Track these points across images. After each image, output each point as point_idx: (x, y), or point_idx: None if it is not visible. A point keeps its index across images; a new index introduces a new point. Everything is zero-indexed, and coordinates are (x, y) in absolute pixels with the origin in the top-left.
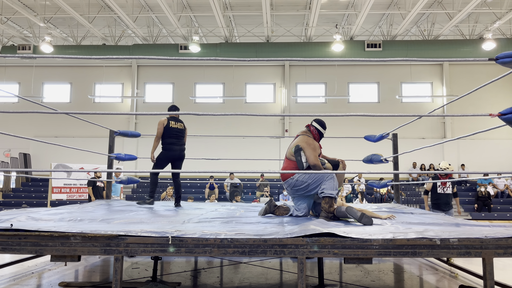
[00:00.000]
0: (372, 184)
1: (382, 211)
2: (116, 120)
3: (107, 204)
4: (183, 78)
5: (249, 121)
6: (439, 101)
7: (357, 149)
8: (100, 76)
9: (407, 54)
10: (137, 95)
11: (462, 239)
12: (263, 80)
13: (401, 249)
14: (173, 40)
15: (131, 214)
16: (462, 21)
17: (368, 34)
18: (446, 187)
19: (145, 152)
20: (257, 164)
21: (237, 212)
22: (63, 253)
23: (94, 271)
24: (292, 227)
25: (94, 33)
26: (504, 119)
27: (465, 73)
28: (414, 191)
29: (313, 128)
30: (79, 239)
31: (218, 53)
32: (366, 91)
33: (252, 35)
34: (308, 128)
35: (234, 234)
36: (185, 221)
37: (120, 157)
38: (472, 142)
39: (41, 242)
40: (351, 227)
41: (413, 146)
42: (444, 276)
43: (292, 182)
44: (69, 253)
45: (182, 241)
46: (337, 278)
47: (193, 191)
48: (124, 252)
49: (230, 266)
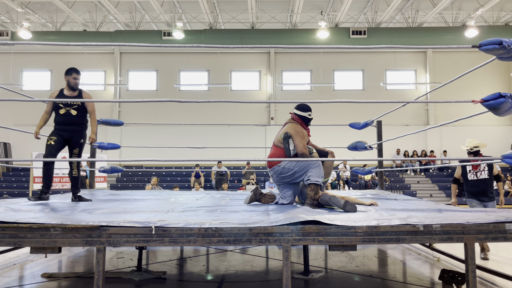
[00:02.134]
0: (357, 170)
1: (366, 197)
2: (99, 108)
3: (90, 194)
4: (167, 65)
5: (235, 109)
6: (422, 88)
7: (342, 136)
8: (82, 63)
9: (392, 41)
10: (120, 83)
11: (445, 224)
12: (248, 68)
13: (385, 236)
14: (156, 26)
15: (115, 204)
16: (446, 8)
17: (353, 21)
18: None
19: (129, 140)
20: (243, 152)
21: (222, 200)
22: (43, 245)
23: (78, 262)
24: (277, 215)
25: (74, 19)
26: (487, 105)
27: (448, 60)
28: (398, 177)
29: (294, 115)
30: (59, 231)
31: (203, 39)
32: (351, 78)
33: (237, 21)
34: (291, 117)
35: (219, 223)
36: (169, 211)
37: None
38: (454, 129)
39: (19, 234)
40: (336, 215)
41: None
42: (427, 260)
43: (278, 169)
44: (49, 245)
45: (166, 231)
46: (322, 264)
47: (179, 180)
48: (107, 243)
49: (217, 254)
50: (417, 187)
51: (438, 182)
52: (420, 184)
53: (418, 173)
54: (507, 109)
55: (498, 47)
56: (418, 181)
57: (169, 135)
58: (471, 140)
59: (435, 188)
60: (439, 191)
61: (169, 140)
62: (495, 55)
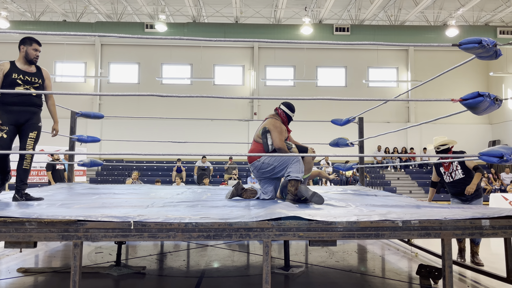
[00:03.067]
0: (338, 167)
1: (347, 193)
2: (79, 100)
3: (68, 187)
4: (149, 58)
5: (218, 103)
6: (404, 86)
7: (324, 132)
8: (61, 54)
9: (374, 38)
10: (101, 75)
11: (423, 220)
12: (232, 62)
13: (365, 231)
14: (139, 18)
15: (93, 198)
16: (428, 7)
17: (336, 18)
18: (453, 171)
19: (109, 134)
20: (225, 147)
21: (203, 195)
22: (17, 239)
23: (55, 256)
24: (258, 211)
25: (54, 9)
26: (465, 104)
27: (429, 59)
28: (379, 174)
29: (280, 111)
30: (34, 225)
31: (186, 33)
32: (334, 75)
33: (221, 15)
34: (276, 111)
35: (199, 218)
36: (149, 206)
37: (82, 139)
38: (434, 126)
39: None
40: (316, 210)
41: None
42: (405, 255)
43: (258, 164)
44: (24, 239)
45: (145, 225)
46: (303, 259)
47: (160, 174)
48: (84, 237)
49: (197, 249)
50: (397, 183)
51: (418, 179)
52: (400, 180)
53: (398, 169)
54: (485, 108)
55: (477, 46)
56: (398, 178)
57: (150, 129)
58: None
59: (415, 184)
60: (418, 187)
61: (151, 134)
62: (474, 54)
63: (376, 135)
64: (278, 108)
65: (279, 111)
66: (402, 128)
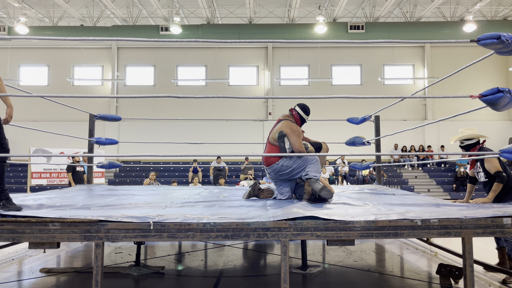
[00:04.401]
0: (355, 166)
1: (364, 192)
2: (97, 103)
3: (88, 189)
4: (164, 60)
5: (233, 104)
6: (420, 83)
7: (340, 131)
8: (79, 58)
9: (390, 36)
10: (118, 78)
11: (442, 219)
12: (246, 63)
13: (383, 231)
14: (154, 21)
15: (113, 199)
16: (444, 2)
17: (351, 16)
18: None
19: (126, 135)
20: (240, 147)
21: (220, 195)
22: (41, 240)
23: (76, 257)
24: (275, 211)
25: (71, 14)
26: (485, 100)
27: (446, 55)
28: (396, 172)
29: (295, 112)
30: (57, 226)
31: (200, 34)
32: (349, 73)
33: (235, 16)
34: (291, 112)
35: (217, 218)
36: (167, 206)
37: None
38: (452, 124)
39: (18, 229)
40: (334, 210)
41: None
42: (424, 255)
43: (276, 167)
44: (48, 240)
45: (164, 226)
46: (320, 259)
47: (177, 175)
48: (105, 238)
49: (215, 249)
50: (414, 182)
51: (436, 177)
52: (418, 179)
53: (416, 168)
54: (505, 104)
55: (496, 42)
56: (415, 176)
57: (166, 130)
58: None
59: (433, 183)
60: (436, 186)
61: (167, 135)
62: (493, 50)
63: (393, 133)
64: (292, 109)
65: (293, 113)
66: (419, 126)
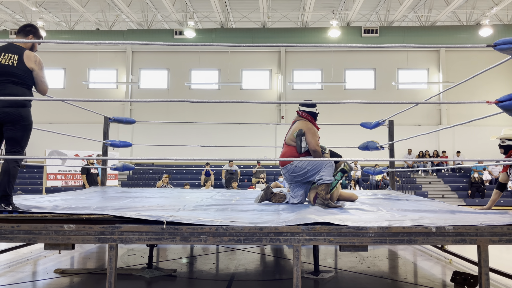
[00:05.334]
0: (368, 170)
1: (377, 197)
2: (111, 106)
3: (102, 191)
4: (178, 64)
5: (245, 107)
6: (435, 87)
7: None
8: (94, 61)
9: (404, 40)
10: (132, 81)
11: (458, 226)
12: (259, 66)
13: (397, 237)
14: (168, 25)
15: (126, 201)
16: (460, 6)
17: (365, 20)
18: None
19: (140, 139)
20: (253, 151)
21: (232, 199)
22: (57, 242)
23: (90, 258)
24: (287, 215)
25: (88, 18)
26: (502, 106)
27: (461, 59)
28: (409, 178)
29: (302, 112)
30: (73, 228)
31: (214, 38)
32: (363, 77)
33: (248, 20)
34: (298, 114)
35: (230, 222)
36: (180, 209)
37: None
38: (467, 129)
39: (34, 230)
40: (347, 215)
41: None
42: (438, 262)
43: (291, 168)
44: (63, 242)
45: (177, 229)
46: (332, 264)
47: (189, 178)
48: (119, 240)
49: (226, 253)
50: (428, 187)
51: (451, 183)
52: (432, 184)
53: (430, 173)
54: None
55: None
56: (430, 182)
57: (180, 133)
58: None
59: (448, 189)
60: (451, 192)
61: (180, 138)
62: (510, 55)
63: (407, 138)
64: (298, 111)
65: (301, 114)
66: (434, 131)
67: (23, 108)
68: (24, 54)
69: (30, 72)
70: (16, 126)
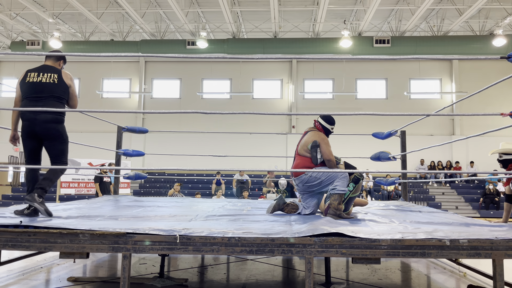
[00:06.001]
0: (380, 181)
1: (389, 208)
2: (124, 115)
3: (115, 199)
4: (190, 73)
5: (256, 117)
6: (448, 97)
7: (365, 146)
8: (108, 71)
9: (416, 50)
10: (145, 91)
11: (472, 240)
12: (270, 76)
13: (410, 250)
14: (181, 35)
15: (139, 210)
16: (472, 16)
17: (376, 30)
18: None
19: (152, 148)
20: (264, 160)
21: (244, 209)
22: (71, 250)
23: (102, 266)
24: (299, 226)
25: (102, 29)
26: None
27: (475, 69)
28: (422, 188)
29: (317, 124)
30: (87, 237)
31: (226, 48)
32: (374, 87)
33: (260, 30)
34: (314, 124)
35: (242, 233)
36: (192, 219)
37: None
38: (481, 140)
39: (50, 239)
40: (360, 227)
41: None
42: (452, 275)
43: (305, 178)
44: (78, 250)
45: (190, 239)
46: (344, 276)
47: (200, 187)
48: (132, 249)
49: (237, 263)
50: (442, 198)
51: (465, 194)
52: (445, 195)
53: (443, 184)
54: None
55: None
56: (443, 193)
57: (191, 142)
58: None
59: (461, 200)
60: (465, 203)
61: (191, 147)
62: None
63: (420, 149)
64: (316, 121)
65: (316, 124)
66: (447, 142)
67: (60, 124)
68: (62, 72)
69: (67, 88)
70: (56, 142)
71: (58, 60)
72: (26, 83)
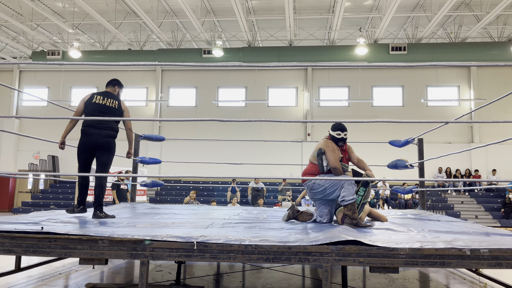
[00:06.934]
0: (397, 189)
1: (407, 217)
2: (141, 123)
3: (132, 207)
4: (206, 82)
5: (272, 125)
6: (466, 104)
7: (382, 154)
8: (126, 80)
9: (433, 57)
10: (161, 99)
11: (493, 249)
12: (285, 84)
13: (429, 259)
14: (197, 44)
15: (156, 217)
16: (491, 23)
17: (392, 37)
18: None
19: (168, 155)
20: (279, 168)
21: (259, 216)
22: (91, 256)
23: (119, 273)
24: (316, 234)
25: (120, 39)
26: None
27: (493, 76)
28: (440, 197)
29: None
30: (106, 243)
31: (241, 57)
32: (390, 94)
33: (275, 39)
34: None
35: (259, 241)
36: (208, 226)
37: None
38: (501, 147)
39: (70, 245)
40: (377, 235)
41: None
42: (473, 285)
43: (310, 184)
44: (97, 256)
45: (207, 246)
46: (361, 285)
47: (215, 194)
48: (150, 256)
49: (253, 271)
50: (461, 207)
51: (484, 203)
52: (465, 204)
53: (462, 193)
54: None
55: None
56: (462, 201)
57: (207, 149)
58: None
59: (481, 209)
60: (485, 212)
61: (207, 155)
62: None
63: (437, 157)
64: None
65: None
66: (466, 150)
67: (114, 139)
68: (121, 100)
69: (122, 113)
70: (109, 153)
71: (114, 86)
72: (93, 103)
